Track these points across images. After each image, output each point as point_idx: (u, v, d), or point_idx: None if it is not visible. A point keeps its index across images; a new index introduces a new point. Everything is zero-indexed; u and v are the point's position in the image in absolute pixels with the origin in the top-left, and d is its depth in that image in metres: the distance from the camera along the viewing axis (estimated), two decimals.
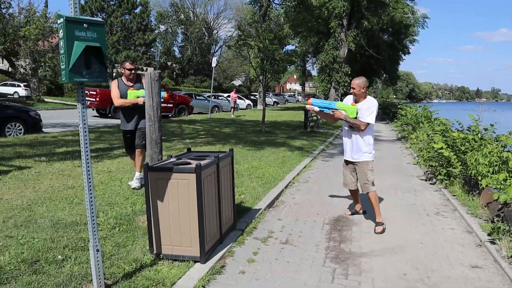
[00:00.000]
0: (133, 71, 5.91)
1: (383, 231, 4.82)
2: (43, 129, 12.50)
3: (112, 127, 14.45)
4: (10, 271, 3.30)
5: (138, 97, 5.69)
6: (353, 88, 4.78)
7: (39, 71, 32.09)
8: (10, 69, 34.59)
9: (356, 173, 5.05)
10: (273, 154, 9.82)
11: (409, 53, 40.86)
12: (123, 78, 5.97)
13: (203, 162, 3.60)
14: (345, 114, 4.71)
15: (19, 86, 32.85)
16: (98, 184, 6.07)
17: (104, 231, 4.22)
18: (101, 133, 12.56)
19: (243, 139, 12.42)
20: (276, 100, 50.15)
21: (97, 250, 2.97)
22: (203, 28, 56.70)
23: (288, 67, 17.14)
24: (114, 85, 5.84)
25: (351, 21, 24.60)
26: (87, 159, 2.86)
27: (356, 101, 4.80)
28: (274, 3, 32.81)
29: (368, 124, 4.71)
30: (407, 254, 4.19)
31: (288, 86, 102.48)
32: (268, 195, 6.17)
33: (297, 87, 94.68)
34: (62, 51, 2.64)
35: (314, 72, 57.45)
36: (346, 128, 4.93)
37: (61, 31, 2.63)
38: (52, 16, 31.89)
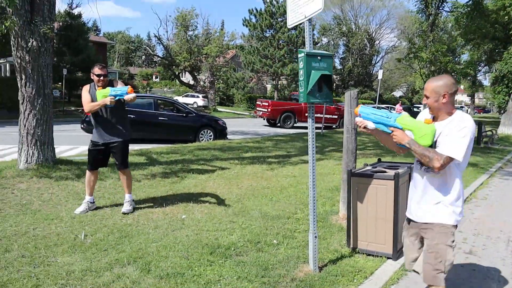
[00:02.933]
0: (102, 78, 4.99)
1: None
2: (227, 136, 14.43)
3: (285, 136, 15.76)
4: (241, 247, 4.29)
5: (105, 97, 4.88)
6: (426, 97, 2.68)
7: (215, 83, 36.37)
8: (192, 82, 39.80)
9: (422, 245, 2.86)
10: None
11: None
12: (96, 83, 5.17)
13: (400, 171, 4.13)
14: (410, 138, 2.65)
15: (197, 97, 37.63)
16: (288, 187, 7.02)
17: (306, 225, 5.03)
18: (276, 141, 13.88)
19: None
20: None
21: (315, 237, 3.74)
22: (365, 39, 56.66)
23: (462, 79, 16.39)
24: (85, 90, 5.13)
25: None
26: (313, 161, 3.64)
27: (434, 119, 2.74)
28: (444, 10, 31.28)
29: (449, 159, 2.54)
30: None
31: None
32: None
33: (464, 98, 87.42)
34: (301, 78, 3.48)
35: (486, 82, 52.71)
36: (417, 161, 2.89)
37: (301, 62, 3.46)
38: (229, 34, 36.19)
